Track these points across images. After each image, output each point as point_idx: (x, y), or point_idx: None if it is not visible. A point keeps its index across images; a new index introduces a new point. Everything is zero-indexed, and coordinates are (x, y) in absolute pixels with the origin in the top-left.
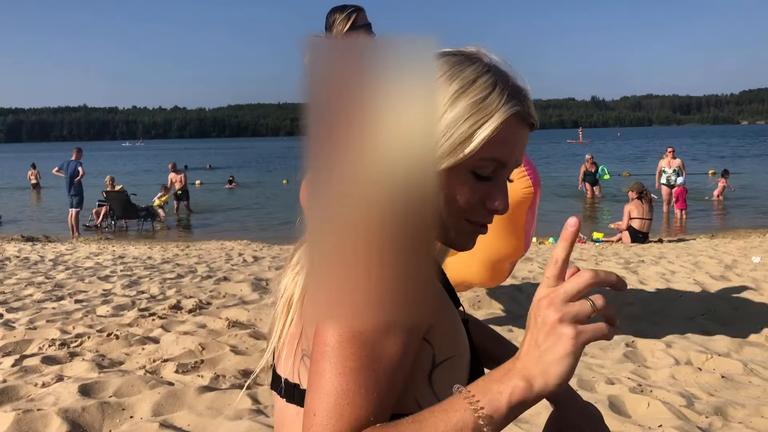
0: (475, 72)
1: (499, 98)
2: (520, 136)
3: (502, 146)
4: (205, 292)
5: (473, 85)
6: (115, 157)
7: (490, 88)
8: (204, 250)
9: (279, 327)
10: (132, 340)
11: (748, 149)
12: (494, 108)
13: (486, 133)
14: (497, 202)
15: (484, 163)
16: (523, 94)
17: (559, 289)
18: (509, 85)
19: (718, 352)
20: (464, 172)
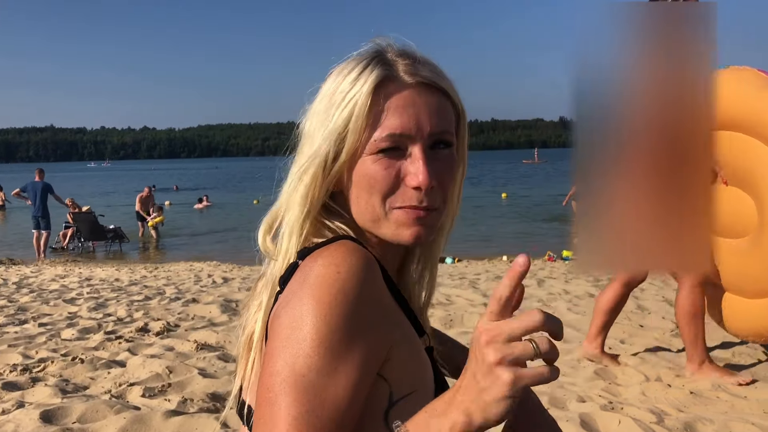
0: (357, 60)
1: (371, 69)
2: (405, 99)
3: (391, 117)
4: (173, 315)
5: (351, 72)
6: (79, 178)
7: (364, 67)
8: (172, 272)
9: (242, 364)
10: (97, 364)
11: None
12: (365, 80)
13: (358, 106)
14: (413, 177)
15: (381, 143)
16: (408, 56)
17: (503, 326)
18: (391, 55)
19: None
20: (368, 157)
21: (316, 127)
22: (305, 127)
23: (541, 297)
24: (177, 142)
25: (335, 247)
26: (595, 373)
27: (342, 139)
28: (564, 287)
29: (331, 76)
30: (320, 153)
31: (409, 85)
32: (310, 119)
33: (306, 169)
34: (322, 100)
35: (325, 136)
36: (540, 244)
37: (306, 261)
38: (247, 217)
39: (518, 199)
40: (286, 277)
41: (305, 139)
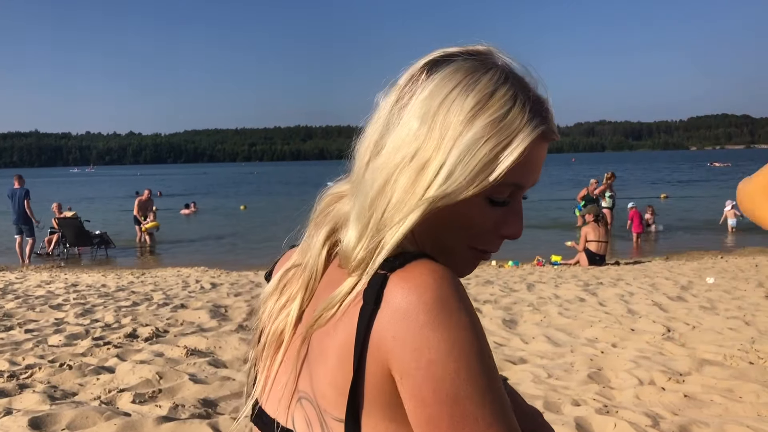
0: (492, 82)
1: (521, 115)
2: (541, 155)
3: (524, 169)
4: (161, 320)
5: (491, 99)
6: (61, 184)
7: (510, 103)
8: (160, 278)
9: (266, 363)
10: (86, 370)
11: (689, 173)
12: (516, 127)
13: (512, 159)
14: (511, 228)
15: (502, 189)
16: (545, 107)
17: None
18: (530, 97)
19: (679, 371)
20: (479, 198)
21: (440, 139)
22: (410, 126)
23: (531, 301)
24: (163, 148)
25: (432, 265)
26: (588, 376)
27: (476, 177)
28: (554, 291)
29: (453, 81)
30: (454, 182)
31: (547, 141)
32: (423, 121)
33: (435, 190)
34: (448, 110)
35: (465, 169)
36: (528, 249)
37: (405, 275)
38: (235, 224)
39: None
40: (374, 290)
41: (409, 139)
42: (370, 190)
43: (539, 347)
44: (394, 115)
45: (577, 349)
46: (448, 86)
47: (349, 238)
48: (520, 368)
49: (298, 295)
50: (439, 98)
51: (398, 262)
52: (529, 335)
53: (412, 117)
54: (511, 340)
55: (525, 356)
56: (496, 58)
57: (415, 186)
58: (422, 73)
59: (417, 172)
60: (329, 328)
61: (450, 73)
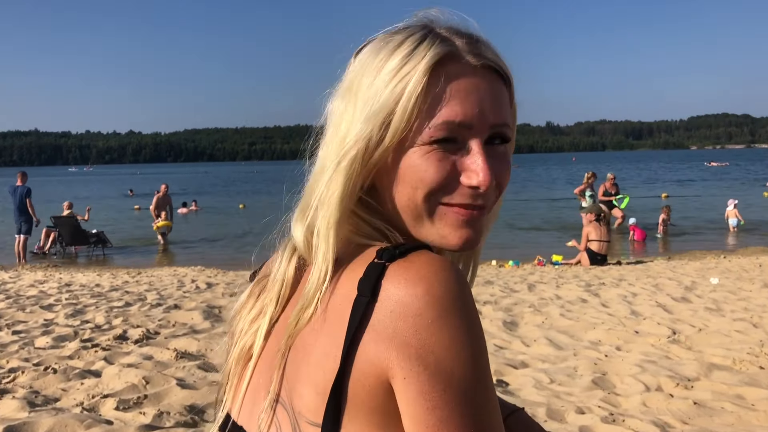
0: (406, 33)
1: (427, 47)
2: (468, 84)
3: (450, 102)
4: (153, 321)
5: (400, 48)
6: (58, 183)
7: (418, 41)
8: (155, 277)
9: (234, 380)
10: (71, 374)
11: (685, 173)
12: (420, 58)
13: (412, 84)
14: (470, 174)
15: (437, 129)
16: (468, 35)
17: None
18: (443, 31)
19: (687, 376)
20: (417, 148)
21: (355, 106)
22: (336, 108)
23: (532, 302)
24: (163, 147)
25: (433, 256)
26: (592, 382)
27: (389, 122)
28: (555, 292)
29: (370, 49)
30: (362, 136)
31: (472, 67)
32: (344, 97)
33: (345, 153)
34: (362, 75)
35: (369, 117)
36: (528, 249)
37: (407, 265)
38: (233, 222)
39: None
40: (371, 281)
41: (336, 120)
42: (310, 177)
43: (541, 350)
44: (329, 104)
45: (580, 353)
46: (365, 56)
47: (293, 229)
48: (522, 373)
49: (269, 308)
50: (357, 70)
51: (398, 251)
52: (530, 338)
53: (336, 99)
54: (512, 342)
55: (526, 360)
56: (426, 20)
57: (339, 155)
58: (352, 58)
59: (340, 142)
60: (314, 323)
61: (370, 46)
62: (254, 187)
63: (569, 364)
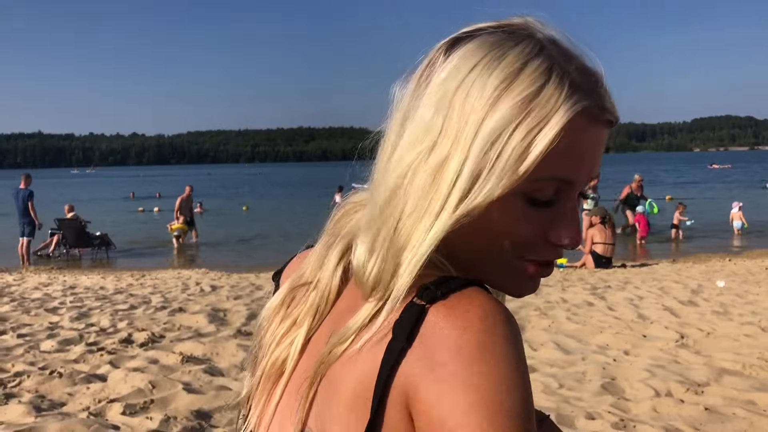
0: (522, 55)
1: (558, 90)
2: (592, 140)
3: (567, 158)
4: (158, 324)
5: (520, 75)
6: (60, 185)
7: (544, 77)
8: (160, 280)
9: (263, 396)
10: (77, 378)
11: (687, 175)
12: (553, 106)
13: (543, 145)
14: (561, 234)
15: (543, 185)
16: (594, 80)
17: None
18: (572, 70)
19: (698, 381)
20: (516, 198)
21: (458, 133)
22: (424, 119)
23: (538, 305)
24: (166, 149)
25: (483, 299)
26: (602, 387)
27: (507, 174)
28: (561, 295)
29: (474, 58)
30: (480, 183)
31: (595, 122)
32: (438, 111)
33: (455, 199)
34: (467, 96)
35: (483, 161)
36: None
37: (446, 311)
38: (237, 224)
39: None
40: (408, 324)
41: (422, 135)
42: (381, 196)
43: (548, 355)
44: (410, 106)
45: (588, 357)
46: (467, 65)
47: (359, 252)
48: (530, 377)
49: (305, 321)
50: (457, 80)
51: (440, 292)
52: (537, 342)
53: (426, 106)
54: None
55: (534, 364)
56: (533, 30)
57: (434, 189)
58: (440, 54)
59: (434, 172)
60: (345, 359)
61: (471, 50)
62: (257, 189)
63: (578, 369)
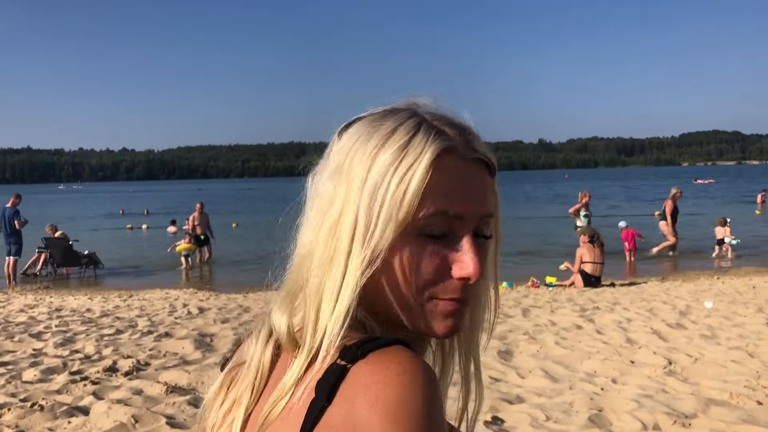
0: (398, 120)
1: (427, 136)
2: (466, 176)
3: (446, 194)
4: (144, 351)
5: (394, 134)
6: (46, 201)
7: (415, 130)
8: (147, 301)
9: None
10: (58, 412)
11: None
12: (422, 149)
13: (416, 182)
14: (461, 266)
15: (431, 221)
16: (460, 128)
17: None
18: (441, 122)
19: (685, 413)
20: (412, 238)
21: (348, 194)
22: (324, 190)
23: (527, 329)
24: (156, 164)
25: (403, 356)
26: (589, 419)
27: (393, 218)
28: (550, 317)
29: (358, 131)
30: (369, 232)
31: (465, 161)
32: (333, 180)
33: (354, 253)
34: (354, 161)
35: (371, 211)
36: (521, 270)
37: (365, 368)
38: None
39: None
40: (328, 383)
41: (324, 205)
42: (293, 262)
43: (536, 383)
44: (316, 186)
45: (576, 386)
46: (353, 139)
47: (274, 314)
48: (518, 408)
49: (243, 399)
50: (345, 152)
51: (360, 351)
52: (525, 369)
53: (325, 181)
54: (507, 374)
55: (522, 394)
56: (414, 106)
57: (334, 243)
58: (336, 137)
59: (333, 227)
60: (283, 416)
61: (357, 128)
62: (248, 205)
63: (565, 399)
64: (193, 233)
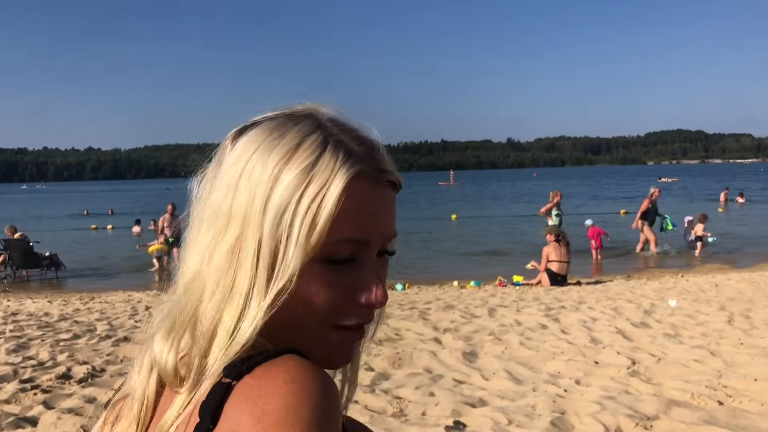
0: (300, 132)
1: (335, 158)
2: (376, 200)
3: (355, 220)
4: (101, 356)
5: (298, 150)
6: (8, 202)
7: (321, 148)
8: (108, 303)
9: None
10: (4, 423)
11: (633, 189)
12: (331, 172)
13: (328, 210)
14: (365, 293)
15: (337, 247)
16: (369, 146)
17: None
18: (347, 138)
19: (647, 414)
20: (315, 264)
21: (246, 214)
22: (218, 204)
23: (492, 329)
24: (123, 163)
25: (291, 364)
26: (551, 423)
27: (298, 243)
28: (516, 317)
29: (256, 141)
30: (285, 263)
31: (374, 182)
32: (227, 195)
33: (259, 286)
34: (251, 175)
35: (276, 235)
36: (489, 269)
37: (251, 382)
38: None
39: (467, 220)
40: (212, 404)
41: (216, 220)
42: (180, 282)
43: (500, 385)
44: (204, 196)
45: (539, 388)
46: (251, 149)
47: (156, 344)
48: (480, 412)
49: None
50: (242, 163)
51: (245, 366)
52: (489, 370)
53: (217, 191)
54: (471, 376)
55: (485, 396)
56: (314, 112)
57: (232, 270)
58: (229, 143)
59: (231, 251)
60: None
61: (254, 136)
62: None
63: (528, 402)
64: (162, 235)
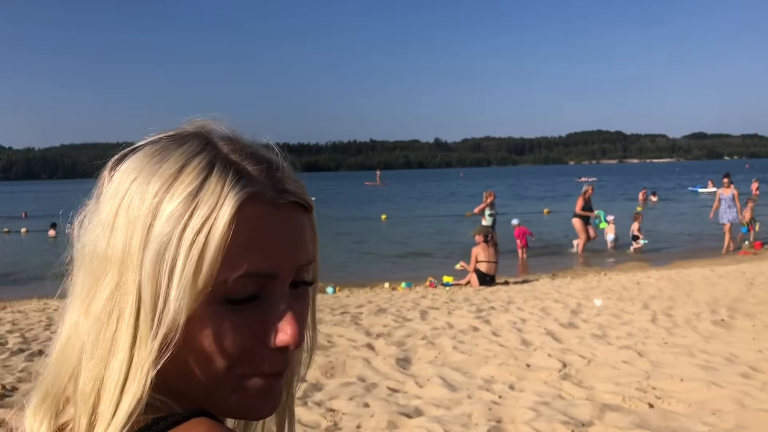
0: (184, 155)
1: (222, 181)
2: (278, 224)
3: (255, 250)
4: (12, 373)
5: (180, 175)
6: None
7: (206, 171)
8: (22, 313)
9: None
10: None
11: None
12: (218, 197)
13: (216, 242)
14: (279, 333)
15: (238, 284)
16: (266, 165)
17: None
18: (238, 158)
19: (581, 420)
20: (213, 306)
21: (125, 256)
22: (94, 243)
23: (425, 333)
24: (37, 163)
25: (197, 429)
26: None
27: (186, 285)
28: (447, 319)
29: (135, 169)
30: (169, 310)
31: (274, 206)
32: (104, 234)
33: (148, 329)
34: (130, 208)
35: (158, 277)
36: (419, 270)
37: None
38: None
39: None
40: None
41: (93, 264)
42: (55, 340)
43: (435, 393)
44: (82, 234)
45: (474, 394)
46: (129, 180)
47: (28, 422)
48: (416, 423)
49: None
50: (119, 197)
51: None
52: (423, 377)
53: (93, 230)
54: (406, 383)
55: (420, 406)
56: (204, 131)
57: (114, 321)
58: (107, 174)
59: (109, 301)
60: None
61: (133, 163)
62: None
63: (464, 410)
64: None
